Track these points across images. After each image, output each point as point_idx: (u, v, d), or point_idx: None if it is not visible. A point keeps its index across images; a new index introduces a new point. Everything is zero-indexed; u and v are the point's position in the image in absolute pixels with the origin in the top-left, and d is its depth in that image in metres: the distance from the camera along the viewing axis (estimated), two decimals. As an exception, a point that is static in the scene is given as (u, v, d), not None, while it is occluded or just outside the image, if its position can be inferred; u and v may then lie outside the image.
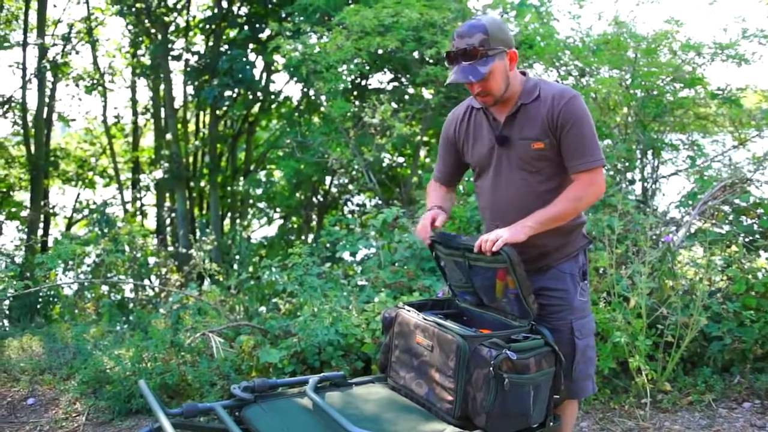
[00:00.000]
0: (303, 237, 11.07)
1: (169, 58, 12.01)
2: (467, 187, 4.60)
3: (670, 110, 5.11)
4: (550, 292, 2.14)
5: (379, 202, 7.40)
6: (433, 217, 2.18)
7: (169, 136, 12.74)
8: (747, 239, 3.96)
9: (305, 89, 10.34)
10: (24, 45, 11.56)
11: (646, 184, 5.23)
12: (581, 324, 2.14)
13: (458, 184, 2.34)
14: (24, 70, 11.47)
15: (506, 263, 1.96)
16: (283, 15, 8.65)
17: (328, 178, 10.76)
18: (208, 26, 12.10)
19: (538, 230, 2.01)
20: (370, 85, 9.27)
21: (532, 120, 2.07)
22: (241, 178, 13.36)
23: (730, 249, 4.03)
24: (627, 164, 4.99)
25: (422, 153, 10.07)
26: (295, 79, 9.22)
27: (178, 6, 12.35)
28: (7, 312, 6.93)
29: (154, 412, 1.78)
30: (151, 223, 14.20)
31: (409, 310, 2.20)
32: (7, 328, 5.74)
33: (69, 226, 13.27)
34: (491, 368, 1.83)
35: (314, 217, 11.59)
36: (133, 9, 11.71)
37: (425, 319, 2.10)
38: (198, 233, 12.12)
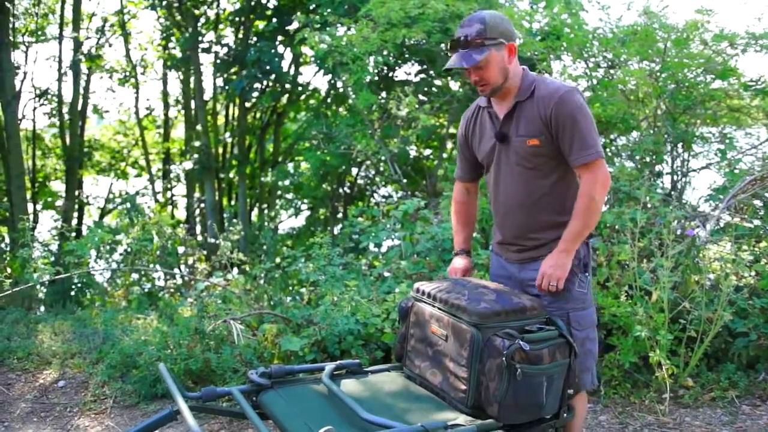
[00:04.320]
0: (329, 228, 11.14)
1: (199, 50, 12.16)
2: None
3: (701, 102, 5.00)
4: None
5: (406, 193, 7.40)
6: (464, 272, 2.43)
7: (199, 128, 12.92)
8: (777, 234, 3.88)
9: (332, 81, 10.36)
10: (60, 38, 11.83)
11: (675, 177, 5.14)
12: (579, 315, 2.14)
13: (480, 180, 2.47)
14: (60, 63, 11.75)
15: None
16: (311, 7, 8.68)
17: (354, 170, 10.79)
18: (237, 18, 12.20)
19: (576, 247, 2.11)
20: (396, 77, 9.25)
21: (527, 118, 2.13)
22: (270, 170, 13.48)
23: (760, 244, 3.94)
24: (655, 157, 4.91)
25: (449, 145, 10.03)
26: (322, 71, 9.25)
27: (208, -1, 12.49)
28: (43, 298, 7.15)
29: (172, 394, 1.83)
30: (181, 213, 14.44)
31: (425, 301, 2.22)
32: (40, 313, 5.92)
33: (102, 216, 13.58)
34: (504, 358, 1.84)
35: (341, 208, 11.64)
36: (164, 2, 11.87)
37: (440, 309, 2.11)
38: (226, 223, 12.28)
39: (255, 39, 11.41)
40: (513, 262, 2.27)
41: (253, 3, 11.37)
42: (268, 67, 9.91)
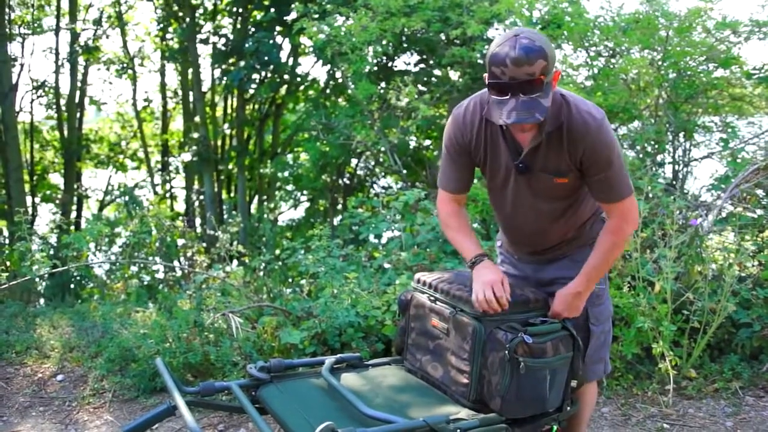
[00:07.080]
0: (329, 219, 11.11)
1: (197, 41, 12.07)
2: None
3: (703, 91, 4.96)
4: (565, 280, 2.09)
5: (406, 184, 7.36)
6: (501, 280, 1.91)
7: (197, 120, 12.86)
8: (780, 224, 3.84)
9: (331, 71, 10.30)
10: (57, 30, 11.75)
11: (677, 167, 5.11)
12: (597, 311, 2.10)
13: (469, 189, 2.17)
14: (57, 54, 11.68)
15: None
16: (309, -3, 8.59)
17: (354, 161, 10.75)
18: (235, 9, 12.11)
19: (591, 288, 1.99)
20: (396, 66, 9.19)
21: (555, 152, 1.87)
22: (269, 161, 13.44)
23: (763, 234, 3.91)
24: (657, 146, 4.88)
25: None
26: (321, 61, 9.19)
27: (206, -11, 12.39)
28: (41, 291, 7.12)
29: (169, 389, 1.80)
30: (180, 205, 14.40)
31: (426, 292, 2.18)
32: (38, 307, 5.89)
33: (101, 209, 13.53)
34: (507, 352, 1.81)
35: (340, 199, 11.60)
36: (161, -8, 11.78)
37: (442, 301, 2.08)
38: (225, 215, 12.25)
39: (253, 29, 11.32)
40: (528, 262, 2.19)
41: (250, -7, 11.28)
42: (266, 58, 9.84)
